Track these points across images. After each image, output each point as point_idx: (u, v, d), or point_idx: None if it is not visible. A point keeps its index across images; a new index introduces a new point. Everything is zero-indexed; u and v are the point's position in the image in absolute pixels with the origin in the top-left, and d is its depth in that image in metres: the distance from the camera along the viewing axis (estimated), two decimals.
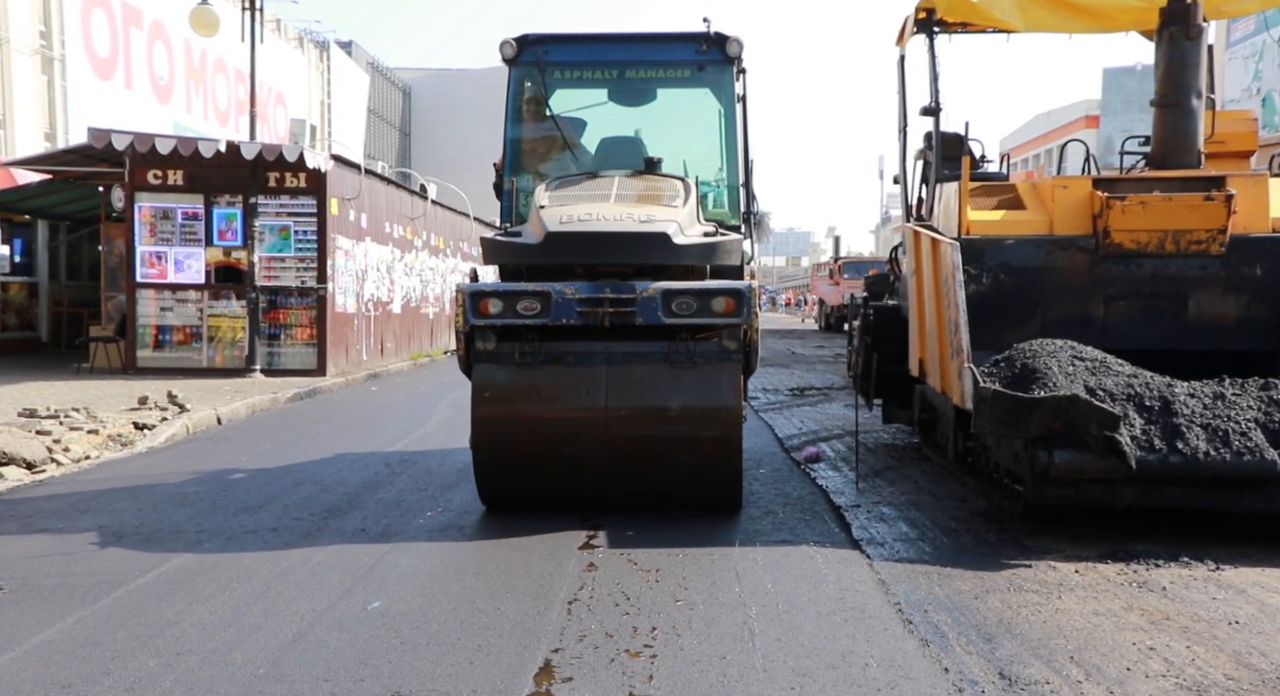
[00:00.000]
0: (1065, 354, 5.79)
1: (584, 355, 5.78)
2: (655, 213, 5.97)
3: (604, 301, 5.69)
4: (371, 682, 3.52)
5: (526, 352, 5.77)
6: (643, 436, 5.71)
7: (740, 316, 5.74)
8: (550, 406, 5.74)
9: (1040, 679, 3.58)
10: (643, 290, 5.71)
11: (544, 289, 5.72)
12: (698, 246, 5.97)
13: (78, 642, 3.93)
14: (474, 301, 5.75)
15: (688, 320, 5.73)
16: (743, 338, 5.83)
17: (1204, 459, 5.04)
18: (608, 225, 5.77)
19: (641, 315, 5.70)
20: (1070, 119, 37.37)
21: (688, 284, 5.80)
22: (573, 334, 5.82)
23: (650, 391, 5.71)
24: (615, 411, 5.67)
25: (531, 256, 5.93)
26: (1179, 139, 6.83)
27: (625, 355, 5.78)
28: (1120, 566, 4.98)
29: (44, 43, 20.98)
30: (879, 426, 9.45)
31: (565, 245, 5.77)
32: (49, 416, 9.73)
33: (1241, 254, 6.46)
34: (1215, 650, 3.87)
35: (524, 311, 5.71)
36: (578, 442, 5.73)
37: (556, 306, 5.70)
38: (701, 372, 5.73)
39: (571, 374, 5.75)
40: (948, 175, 7.39)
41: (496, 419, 5.72)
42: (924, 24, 7.87)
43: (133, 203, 14.51)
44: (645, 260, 5.84)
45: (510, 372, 5.77)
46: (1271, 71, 26.75)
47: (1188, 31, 6.70)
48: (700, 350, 5.78)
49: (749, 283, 5.87)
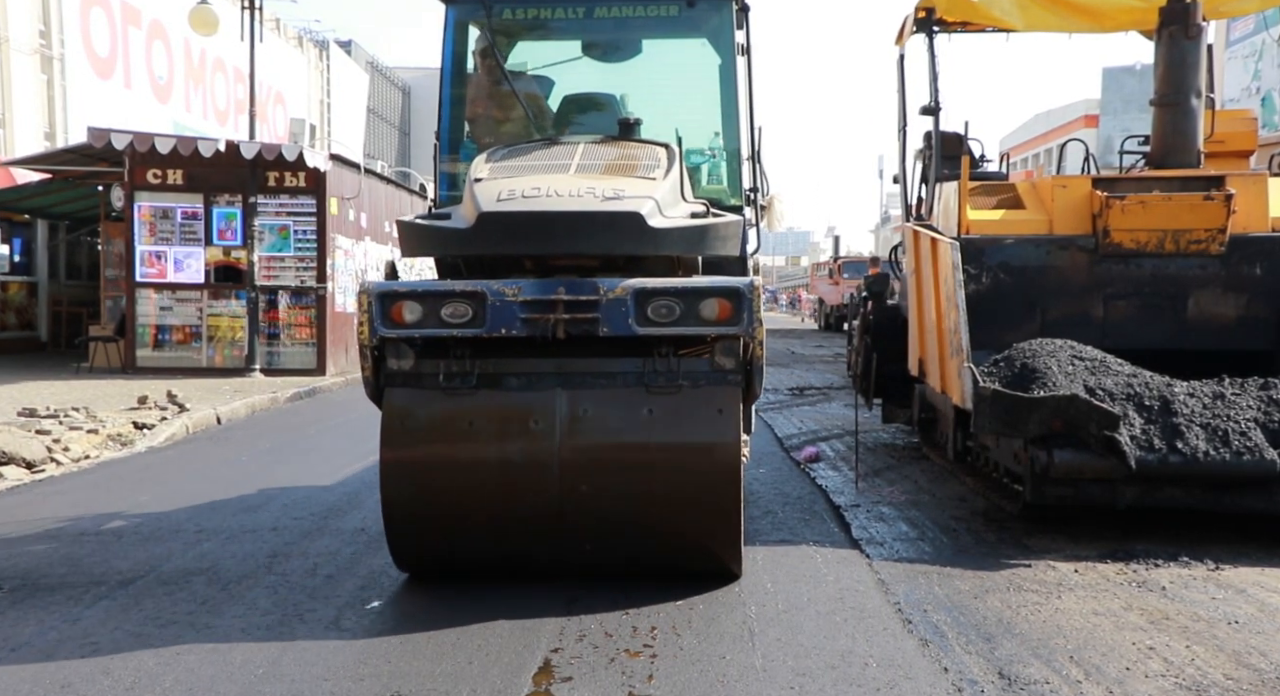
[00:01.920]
0: (1065, 353, 5.80)
1: (531, 377, 4.44)
2: (626, 186, 4.57)
3: (557, 305, 4.30)
4: (371, 682, 3.52)
5: (454, 374, 4.40)
6: (609, 485, 4.32)
7: (739, 324, 4.31)
8: (486, 446, 4.36)
9: (1040, 678, 3.58)
10: (609, 290, 4.31)
11: (477, 288, 4.33)
12: (682, 231, 4.55)
13: (78, 642, 3.93)
14: (384, 305, 4.33)
15: (669, 329, 4.33)
16: (743, 353, 4.42)
17: (1204, 458, 5.04)
18: (561, 202, 4.39)
19: (608, 323, 4.31)
20: (1070, 118, 37.38)
21: (669, 281, 4.42)
22: (517, 348, 4.46)
23: (619, 425, 4.36)
24: (573, 452, 4.30)
25: (459, 245, 4.61)
26: (1178, 138, 6.83)
27: (586, 377, 4.43)
28: (1120, 566, 4.98)
29: (43, 42, 20.97)
30: (879, 426, 9.45)
31: (504, 229, 4.37)
32: (48, 416, 9.73)
33: (1241, 253, 6.46)
34: (1215, 650, 3.87)
35: (451, 318, 4.32)
36: (522, 494, 4.33)
37: (494, 312, 4.30)
38: (688, 399, 4.37)
39: (514, 402, 4.40)
40: (947, 175, 7.38)
41: (414, 463, 4.37)
42: (924, 23, 7.87)
43: (132, 202, 14.51)
44: (612, 249, 4.46)
45: (432, 400, 4.41)
46: (1271, 71, 26.75)
47: (1187, 31, 6.70)
48: (686, 369, 4.42)
49: (750, 280, 4.38)
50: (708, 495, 4.34)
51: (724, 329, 4.35)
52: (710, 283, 4.44)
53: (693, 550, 4.50)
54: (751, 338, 4.36)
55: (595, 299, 4.31)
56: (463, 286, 4.37)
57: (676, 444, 4.33)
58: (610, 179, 4.68)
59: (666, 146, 5.17)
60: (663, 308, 4.33)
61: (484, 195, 4.48)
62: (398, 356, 4.45)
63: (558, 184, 4.54)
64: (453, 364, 4.43)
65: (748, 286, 4.34)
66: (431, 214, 4.93)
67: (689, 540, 4.46)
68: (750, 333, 4.34)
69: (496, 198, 4.43)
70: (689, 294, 4.35)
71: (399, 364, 4.46)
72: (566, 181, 4.61)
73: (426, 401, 4.43)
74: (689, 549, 4.49)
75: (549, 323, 4.31)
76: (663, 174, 4.82)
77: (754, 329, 4.34)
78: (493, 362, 4.45)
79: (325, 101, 39.93)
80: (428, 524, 4.45)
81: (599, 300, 4.31)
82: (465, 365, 4.42)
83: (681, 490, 4.33)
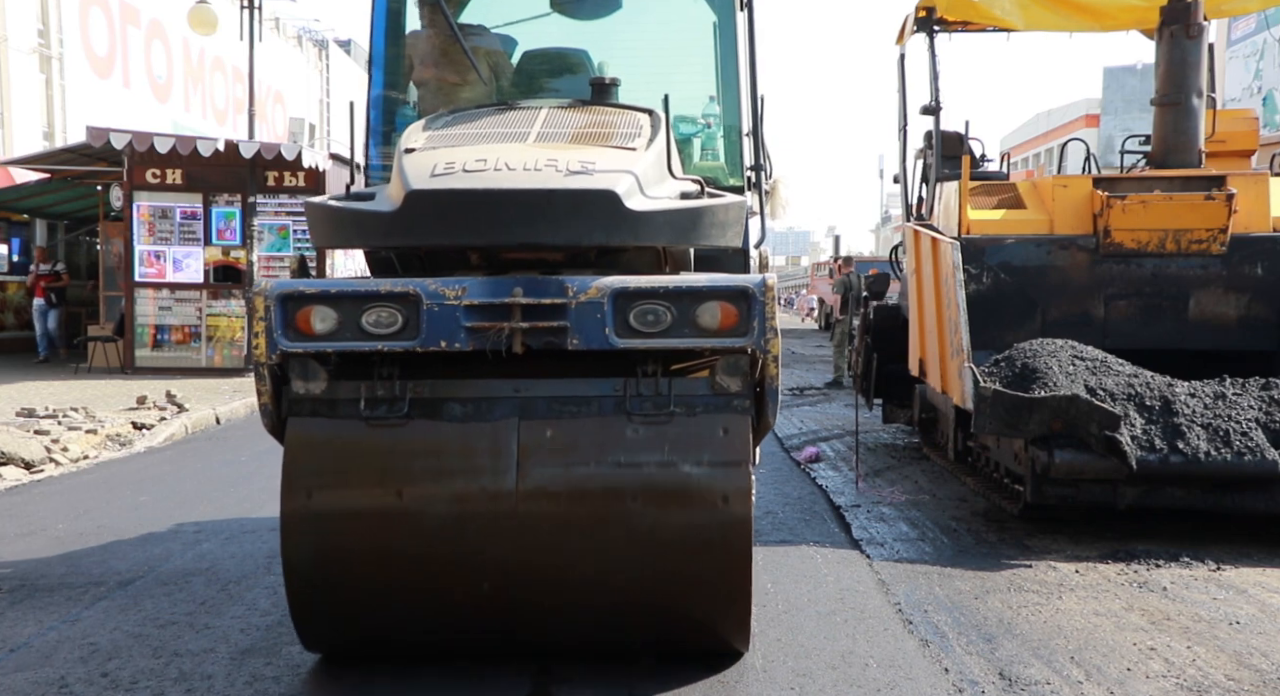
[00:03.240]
0: (1066, 353, 5.79)
1: (480, 403, 3.50)
2: (598, 158, 3.67)
3: (513, 310, 3.38)
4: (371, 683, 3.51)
5: (379, 400, 3.47)
6: (580, 546, 3.41)
7: (748, 334, 3.40)
8: (420, 494, 3.41)
9: (1040, 679, 3.58)
10: (580, 290, 3.38)
11: (408, 289, 3.40)
12: (669, 215, 3.61)
13: (77, 642, 3.92)
14: (286, 310, 3.40)
15: (658, 341, 3.42)
16: (752, 371, 3.52)
17: (1205, 459, 5.04)
18: (514, 178, 3.46)
19: (578, 333, 3.39)
20: (1070, 118, 37.37)
21: (658, 280, 3.49)
22: (461, 367, 3.54)
23: (593, 466, 3.43)
24: (533, 501, 3.37)
25: (381, 233, 3.64)
26: (1179, 138, 6.82)
27: (551, 403, 3.50)
28: (1121, 566, 4.98)
29: (42, 41, 20.97)
30: (879, 426, 9.45)
31: (438, 213, 3.45)
32: (47, 416, 9.72)
33: (1242, 253, 6.46)
34: (1216, 650, 3.86)
35: (375, 327, 3.41)
36: (468, 557, 3.40)
37: (431, 319, 3.38)
38: (682, 432, 3.45)
39: (457, 436, 3.46)
40: (948, 174, 7.38)
41: (325, 517, 3.40)
42: (924, 23, 7.86)
43: (131, 202, 14.49)
44: (579, 238, 3.49)
45: (350, 435, 3.47)
46: (1272, 70, 26.75)
47: (1188, 30, 6.70)
48: (679, 392, 3.50)
49: (761, 277, 3.47)
50: (708, 559, 3.41)
51: (728, 341, 3.42)
52: (710, 281, 3.48)
53: (687, 627, 3.57)
54: (764, 351, 3.40)
55: (562, 302, 3.37)
56: (390, 286, 3.42)
57: (667, 491, 3.42)
58: (578, 149, 3.77)
59: (650, 112, 4.22)
60: (649, 313, 3.40)
61: (414, 169, 3.56)
62: (305, 377, 3.48)
63: (511, 155, 3.61)
64: (377, 387, 3.48)
65: (758, 286, 3.41)
66: (350, 194, 3.86)
67: (682, 615, 3.52)
68: (762, 345, 3.38)
69: (431, 172, 3.51)
70: (683, 295, 3.41)
71: (306, 387, 3.49)
72: (522, 152, 3.67)
73: (342, 436, 3.48)
74: (682, 626, 3.57)
75: (503, 333, 3.37)
76: (644, 144, 3.90)
77: (766, 340, 3.39)
78: (429, 385, 3.52)
79: (325, 101, 39.95)
80: (343, 595, 3.47)
81: (567, 304, 3.37)
82: (394, 388, 3.48)
83: (674, 552, 3.41)
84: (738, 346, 3.44)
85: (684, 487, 3.42)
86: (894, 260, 9.06)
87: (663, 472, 3.42)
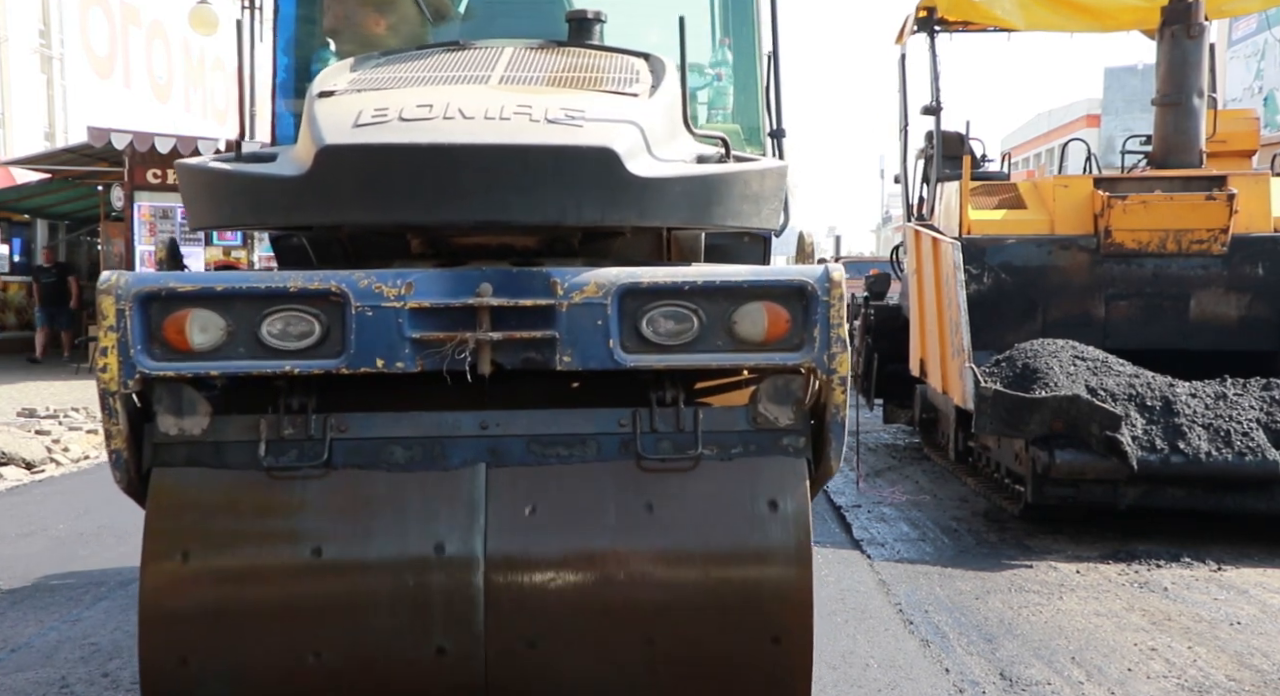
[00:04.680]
0: (1066, 354, 5.79)
1: (431, 444, 2.61)
2: (587, 104, 2.71)
3: (480, 315, 2.50)
4: None
5: (287, 442, 2.56)
6: (572, 646, 2.54)
7: (804, 347, 2.53)
8: (348, 578, 2.51)
9: (1041, 679, 3.58)
10: (572, 287, 2.50)
11: (329, 284, 2.48)
12: (687, 184, 2.68)
13: (77, 643, 3.92)
14: (149, 316, 2.50)
15: (680, 357, 2.54)
16: (809, 398, 2.64)
17: (1206, 459, 5.04)
18: (471, 129, 2.51)
19: (570, 347, 2.50)
20: (1071, 118, 37.36)
21: (677, 272, 2.58)
22: (404, 394, 2.65)
23: (590, 533, 2.54)
24: (507, 584, 2.50)
25: (281, 207, 2.63)
26: (1180, 138, 6.83)
27: (532, 443, 2.62)
28: (1121, 567, 4.98)
29: (43, 41, 20.98)
30: (879, 426, 9.44)
31: (362, 176, 2.50)
32: (48, 416, 9.72)
33: (1243, 253, 6.46)
34: (1217, 651, 3.86)
35: (281, 339, 2.49)
36: (417, 664, 2.51)
37: (363, 328, 2.46)
38: (713, 483, 2.57)
39: (400, 493, 2.55)
40: (948, 174, 7.38)
41: (201, 612, 2.48)
42: (925, 23, 7.87)
43: (132, 202, 14.49)
44: (562, 215, 2.53)
45: (243, 493, 2.55)
46: (1273, 70, 26.74)
47: (1189, 30, 6.70)
48: (709, 427, 2.62)
49: (824, 268, 2.59)
50: (753, 663, 2.52)
51: (777, 356, 2.54)
52: (753, 275, 2.57)
53: None
54: (827, 371, 2.52)
55: (548, 304, 2.48)
56: (303, 281, 2.47)
57: (693, 562, 2.52)
58: (560, 93, 2.82)
59: (647, 57, 3.22)
60: (669, 318, 2.51)
61: (331, 118, 2.60)
62: (177, 411, 2.54)
63: (467, 99, 2.65)
64: (284, 424, 2.55)
65: (819, 281, 2.51)
66: (240, 155, 2.85)
67: None
68: (824, 362, 2.51)
69: (354, 121, 2.55)
70: (716, 294, 2.53)
71: (179, 425, 2.54)
72: (484, 96, 2.72)
73: (232, 495, 2.54)
74: None
75: (464, 348, 2.46)
76: (647, 90, 2.94)
77: (831, 356, 2.51)
78: (359, 421, 2.59)
79: None
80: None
81: (555, 306, 2.47)
82: (308, 426, 2.55)
83: (704, 654, 2.52)
84: (790, 364, 2.55)
85: (717, 565, 2.51)
86: (894, 260, 9.06)
87: (687, 541, 2.51)
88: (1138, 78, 30.58)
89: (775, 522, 2.53)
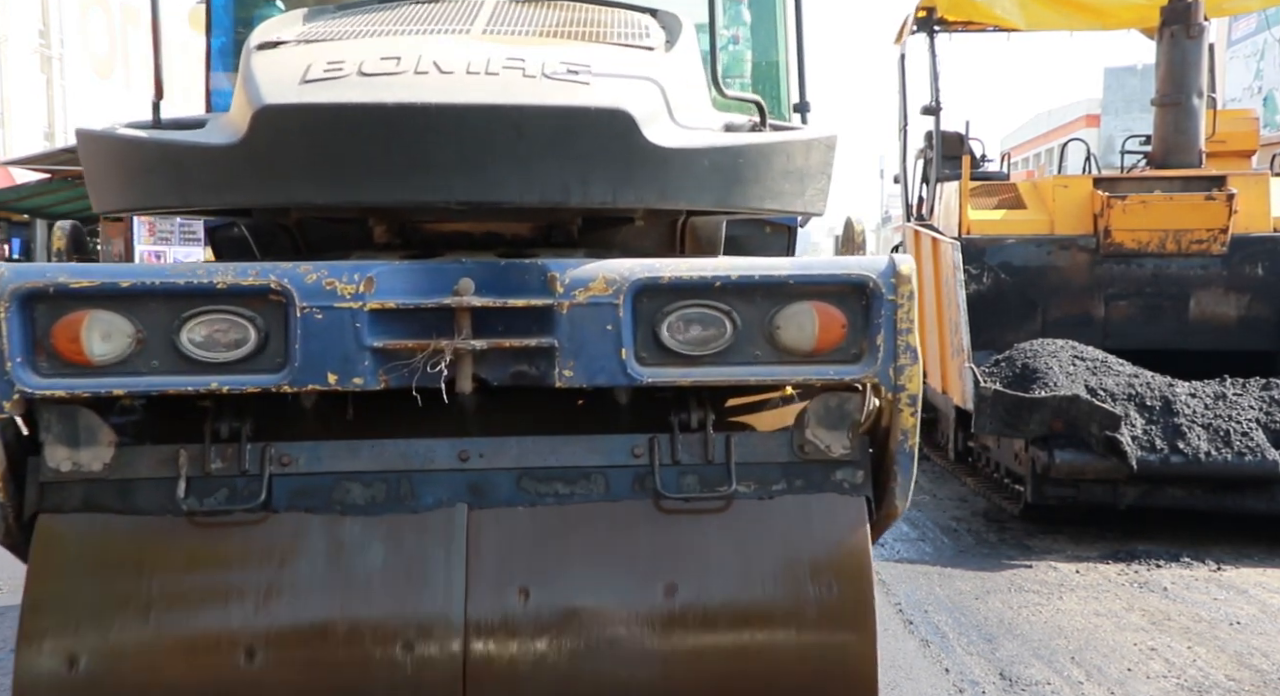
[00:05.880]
0: (1066, 353, 5.80)
1: (398, 481, 2.18)
2: (593, 58, 2.27)
3: (457, 318, 2.06)
4: None
5: (216, 479, 2.13)
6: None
7: (864, 358, 2.13)
8: (290, 642, 2.06)
9: (1041, 679, 3.58)
10: (575, 283, 2.06)
11: (267, 279, 2.02)
12: (718, 156, 2.22)
13: None
14: (33, 320, 2.00)
15: (710, 371, 2.11)
16: (868, 420, 2.26)
17: (1205, 459, 5.04)
18: (448, 86, 2.09)
19: (573, 358, 2.06)
20: (1071, 118, 37.38)
21: (705, 264, 2.15)
22: (363, 418, 2.27)
23: (595, 584, 2.12)
24: (493, 642, 2.07)
25: (209, 184, 2.16)
26: (1180, 138, 6.83)
27: (524, 479, 2.20)
28: (1121, 566, 4.98)
29: (43, 41, 20.98)
30: None
31: (310, 144, 2.06)
32: None
33: (1243, 253, 6.47)
34: (1216, 651, 3.86)
35: (205, 349, 2.03)
36: None
37: (310, 334, 2.01)
38: (751, 529, 2.17)
39: (359, 537, 2.12)
40: (948, 174, 7.39)
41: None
42: (925, 23, 7.87)
43: None
44: (565, 195, 2.11)
45: (160, 542, 2.09)
46: (1273, 70, 26.75)
47: (1189, 30, 6.71)
48: (744, 458, 2.20)
49: (890, 259, 2.14)
50: None
51: (830, 370, 2.12)
52: (800, 269, 2.13)
53: None
54: (893, 388, 2.10)
55: (545, 304, 2.04)
56: (232, 276, 2.00)
57: (726, 639, 2.09)
58: (558, 45, 2.37)
59: (655, 13, 2.71)
60: (696, 322, 2.08)
61: (271, 73, 2.16)
62: (71, 441, 2.07)
63: (444, 51, 2.19)
64: (210, 456, 2.11)
65: (884, 276, 2.09)
66: (159, 121, 2.39)
67: None
68: (889, 378, 2.09)
69: (301, 76, 2.10)
70: (754, 292, 2.09)
71: (74, 459, 2.07)
72: (465, 47, 2.27)
73: (141, 549, 2.06)
74: None
75: (440, 359, 2.01)
76: (663, 46, 2.47)
77: (898, 369, 2.09)
78: (306, 452, 2.15)
79: None
80: None
81: (553, 308, 2.04)
82: (241, 459, 2.11)
83: None
84: (847, 379, 2.12)
85: (753, 642, 2.07)
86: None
87: (712, 607, 2.06)
88: (1137, 78, 30.61)
89: (827, 577, 2.08)
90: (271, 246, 2.66)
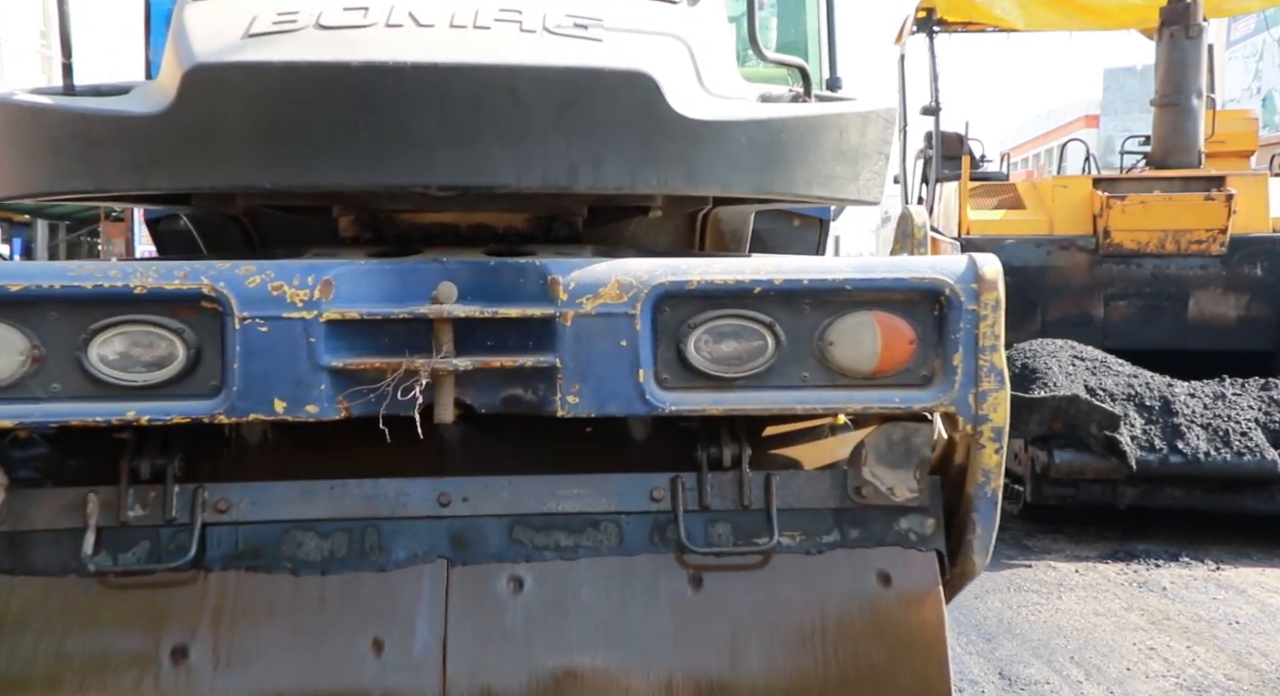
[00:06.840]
0: (1065, 354, 5.81)
1: (361, 531, 1.80)
2: (606, 10, 1.85)
3: (435, 331, 1.67)
4: None
5: (131, 530, 1.76)
6: None
7: (938, 383, 1.80)
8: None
9: (1040, 679, 3.58)
10: (581, 288, 1.68)
11: (199, 282, 1.62)
12: (756, 130, 1.84)
13: None
14: None
15: (746, 396, 1.74)
16: (942, 458, 1.94)
17: (1204, 459, 5.05)
18: (428, 42, 1.70)
19: (579, 382, 1.68)
20: (1070, 118, 37.37)
21: (740, 265, 1.77)
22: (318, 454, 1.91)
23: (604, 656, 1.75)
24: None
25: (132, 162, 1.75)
26: (1179, 138, 6.84)
27: (517, 528, 1.83)
28: (1120, 566, 4.99)
29: (43, 42, 20.99)
30: None
31: (255, 113, 1.68)
32: None
33: (1242, 254, 6.48)
34: (1215, 650, 3.87)
35: (120, 370, 1.64)
36: None
37: (251, 351, 1.63)
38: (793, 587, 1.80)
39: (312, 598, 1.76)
40: (948, 175, 7.40)
41: None
42: (924, 23, 7.87)
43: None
44: (572, 179, 1.73)
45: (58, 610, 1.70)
46: (1272, 71, 26.77)
47: (1188, 31, 6.72)
48: (788, 503, 1.84)
49: (969, 259, 1.93)
50: None
51: (896, 396, 1.80)
52: (858, 271, 1.78)
53: None
54: (973, 420, 1.81)
55: (545, 313, 1.70)
56: (157, 278, 1.64)
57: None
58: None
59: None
60: (730, 336, 1.73)
61: (206, 26, 1.79)
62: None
63: (422, 2, 1.81)
64: (128, 501, 1.77)
65: (963, 279, 1.86)
66: (71, 87, 1.98)
67: None
68: (968, 407, 1.80)
69: (245, 30, 1.75)
70: (802, 298, 1.75)
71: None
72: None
73: (38, 615, 1.72)
74: None
75: (415, 381, 1.67)
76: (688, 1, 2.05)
77: (979, 395, 1.82)
78: (249, 496, 1.81)
79: None
80: None
81: (554, 318, 1.69)
82: (165, 504, 1.76)
83: None
84: (917, 407, 1.79)
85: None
86: None
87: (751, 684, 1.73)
88: (1137, 78, 30.62)
89: (891, 652, 1.72)
90: (220, 241, 2.25)
